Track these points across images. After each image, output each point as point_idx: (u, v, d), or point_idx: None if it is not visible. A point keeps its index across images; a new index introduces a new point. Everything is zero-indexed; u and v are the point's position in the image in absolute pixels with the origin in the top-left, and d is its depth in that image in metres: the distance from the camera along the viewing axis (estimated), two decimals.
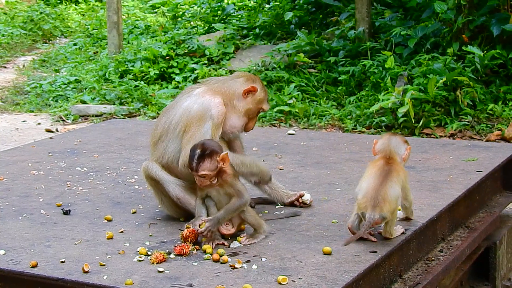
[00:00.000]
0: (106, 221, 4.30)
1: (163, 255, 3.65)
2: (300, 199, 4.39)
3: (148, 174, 4.26)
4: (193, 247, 3.79)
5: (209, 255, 3.66)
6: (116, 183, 5.10)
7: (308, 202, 4.39)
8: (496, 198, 5.18)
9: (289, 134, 6.48)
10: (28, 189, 4.98)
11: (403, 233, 3.89)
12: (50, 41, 17.68)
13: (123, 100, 11.70)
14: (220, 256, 3.61)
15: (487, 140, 8.84)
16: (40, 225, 4.25)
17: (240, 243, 3.82)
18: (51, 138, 6.68)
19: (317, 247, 3.70)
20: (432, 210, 4.23)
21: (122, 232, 4.09)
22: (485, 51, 10.22)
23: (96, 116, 11.14)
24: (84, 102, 11.75)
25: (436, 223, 4.23)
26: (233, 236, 3.87)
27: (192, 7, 17.11)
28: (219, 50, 12.82)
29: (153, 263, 3.61)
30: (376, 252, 3.65)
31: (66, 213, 4.45)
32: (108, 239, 3.98)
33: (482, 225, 4.60)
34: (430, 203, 4.34)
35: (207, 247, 3.76)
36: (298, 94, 10.96)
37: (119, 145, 6.18)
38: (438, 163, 5.27)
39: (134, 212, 4.45)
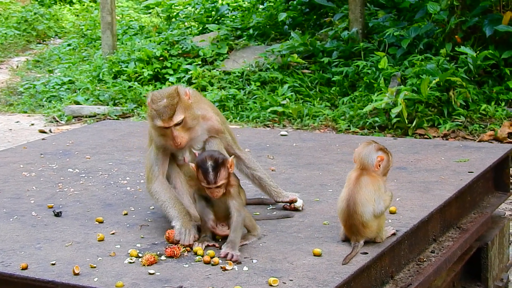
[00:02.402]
0: (97, 223, 4.29)
1: (154, 257, 3.64)
2: (292, 205, 4.38)
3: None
4: (184, 249, 3.79)
5: (200, 257, 3.65)
6: (108, 184, 5.09)
7: (300, 208, 4.37)
8: (488, 198, 5.18)
9: (282, 135, 6.48)
10: (19, 190, 4.97)
11: (394, 234, 3.89)
12: (44, 42, 17.66)
13: (116, 101, 11.69)
14: (211, 258, 3.60)
15: (480, 141, 8.86)
16: (31, 227, 4.23)
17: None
18: (43, 139, 6.66)
19: (308, 249, 3.70)
20: (424, 211, 4.23)
21: (113, 234, 4.08)
22: (477, 52, 10.24)
23: (90, 116, 11.13)
24: (77, 103, 11.74)
25: (428, 224, 4.23)
26: (224, 238, 3.87)
27: (186, 7, 17.10)
28: (213, 51, 12.82)
29: (144, 265, 3.60)
30: (367, 253, 3.65)
31: (57, 215, 4.43)
32: (99, 241, 3.97)
33: (474, 226, 4.60)
34: (422, 204, 4.34)
35: (198, 249, 3.75)
36: (291, 95, 10.97)
37: (111, 147, 6.17)
38: (429, 164, 5.27)
39: (126, 214, 4.44)
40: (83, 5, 20.57)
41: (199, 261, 3.62)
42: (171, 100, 3.98)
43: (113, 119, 10.79)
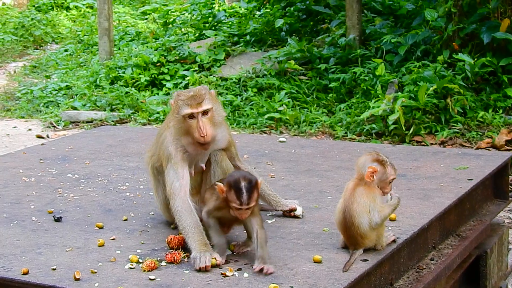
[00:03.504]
0: (97, 228, 4.29)
1: (154, 263, 3.65)
2: (292, 213, 4.38)
3: (152, 164, 4.27)
4: (184, 254, 3.79)
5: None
6: (107, 190, 5.09)
7: (300, 216, 4.38)
8: (487, 206, 5.19)
9: (280, 141, 6.48)
10: (19, 195, 4.97)
11: (394, 241, 3.90)
12: (41, 47, 17.66)
13: (114, 107, 11.69)
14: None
15: (477, 148, 8.88)
16: (32, 232, 4.23)
17: (232, 251, 3.82)
18: (42, 144, 6.67)
19: (308, 256, 3.70)
20: (423, 218, 4.24)
21: (113, 239, 4.08)
22: (475, 59, 10.27)
23: (87, 122, 11.13)
24: (75, 108, 11.74)
25: (427, 231, 4.24)
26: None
27: (183, 13, 17.12)
28: (210, 57, 12.83)
29: (145, 270, 3.60)
30: (367, 260, 3.65)
31: (58, 220, 4.44)
32: (99, 246, 3.97)
33: (473, 234, 4.61)
34: (421, 212, 4.35)
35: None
36: (288, 101, 10.98)
37: (110, 152, 6.18)
38: (429, 171, 5.28)
39: (126, 220, 4.44)
40: (80, 10, 20.58)
41: None
42: (199, 91, 3.99)
43: (110, 124, 10.79)
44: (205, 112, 3.97)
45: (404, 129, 9.35)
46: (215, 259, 3.62)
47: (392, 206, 3.80)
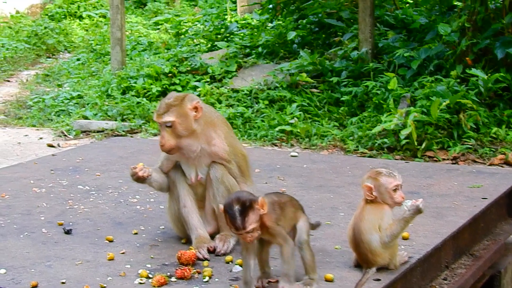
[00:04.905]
0: (107, 241, 4.28)
1: (164, 278, 3.62)
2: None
3: (170, 176, 4.30)
4: (194, 270, 3.76)
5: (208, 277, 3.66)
6: (118, 202, 5.08)
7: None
8: (501, 225, 5.14)
9: (292, 156, 6.46)
10: (29, 206, 4.96)
11: (407, 261, 3.86)
12: (54, 56, 17.69)
13: (125, 117, 11.68)
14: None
15: (490, 164, 8.82)
16: (41, 244, 4.22)
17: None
18: (53, 155, 6.66)
19: (320, 274, 3.67)
20: (437, 237, 4.20)
21: (123, 253, 4.07)
22: (489, 74, 10.21)
23: (98, 132, 11.12)
24: (86, 118, 11.73)
25: (441, 250, 4.20)
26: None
27: (195, 24, 17.12)
28: (221, 68, 12.81)
29: (154, 286, 3.58)
30: (380, 280, 3.62)
31: (68, 232, 4.42)
32: (109, 260, 3.96)
33: (487, 253, 4.56)
34: (435, 230, 4.32)
35: (207, 270, 3.74)
36: (300, 114, 10.94)
37: (121, 164, 6.16)
38: (442, 189, 5.25)
39: (136, 233, 4.43)
40: (93, 20, 20.62)
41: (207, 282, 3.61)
42: (172, 101, 4.11)
43: (121, 134, 10.78)
44: (169, 124, 4.08)
45: (416, 144, 9.30)
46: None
47: (403, 220, 3.73)
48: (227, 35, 15.15)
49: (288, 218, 3.65)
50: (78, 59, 16.58)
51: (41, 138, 10.89)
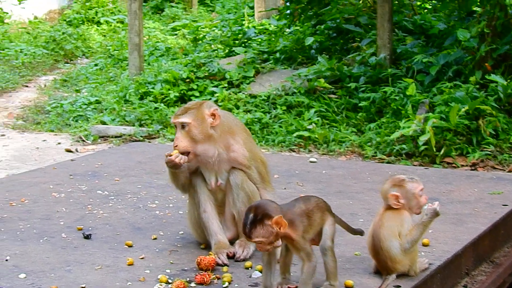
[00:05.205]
0: (126, 246, 4.29)
1: (184, 284, 3.62)
2: None
3: (191, 181, 4.32)
4: (213, 276, 3.76)
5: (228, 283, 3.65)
6: (137, 207, 5.09)
7: None
8: None
9: (311, 161, 6.45)
10: (49, 211, 4.98)
11: (427, 267, 3.84)
12: (72, 61, 17.76)
13: (142, 122, 11.70)
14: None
15: (510, 171, 8.76)
16: (61, 249, 4.24)
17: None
18: (72, 160, 6.69)
19: (340, 280, 3.66)
20: (457, 244, 4.18)
21: (142, 258, 4.07)
22: (508, 80, 10.16)
23: (116, 137, 11.14)
24: (104, 123, 11.76)
25: (461, 257, 4.18)
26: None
27: (213, 30, 17.14)
28: (239, 73, 12.81)
29: None
30: (400, 286, 3.61)
31: (87, 237, 4.44)
32: (128, 265, 3.97)
33: (507, 260, 4.54)
34: (455, 237, 4.30)
35: (226, 276, 3.74)
36: (318, 120, 10.92)
37: (140, 169, 6.17)
38: (462, 196, 5.22)
39: (155, 238, 4.43)
40: (111, 25, 20.69)
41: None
42: (191, 105, 4.21)
43: (139, 140, 10.80)
44: (183, 125, 4.09)
45: (434, 150, 9.26)
46: None
47: (422, 225, 3.71)
48: (245, 40, 15.16)
49: (315, 225, 3.64)
50: (96, 65, 16.62)
51: (59, 143, 10.92)
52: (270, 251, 3.52)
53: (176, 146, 4.13)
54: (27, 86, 15.37)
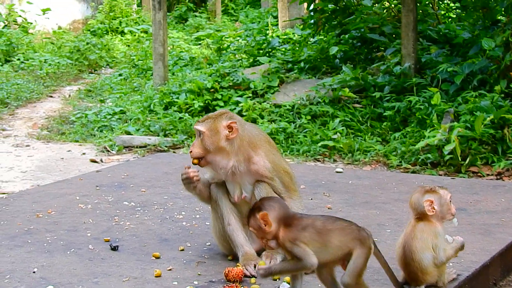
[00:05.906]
0: (154, 258, 4.30)
1: None
2: None
3: (211, 194, 4.36)
4: (242, 287, 3.76)
5: None
6: (164, 219, 5.10)
7: None
8: None
9: (337, 172, 6.44)
10: (76, 223, 5.00)
11: (455, 278, 3.82)
12: (96, 71, 17.87)
13: (167, 132, 11.73)
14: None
15: None
16: (88, 261, 4.25)
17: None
18: (98, 171, 6.71)
19: None
20: (485, 254, 4.16)
21: (170, 270, 4.08)
22: None
23: (140, 147, 11.18)
24: (128, 133, 11.81)
25: (489, 268, 4.15)
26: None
27: (237, 40, 17.17)
28: (263, 83, 12.82)
29: None
30: None
31: (114, 249, 4.45)
32: (156, 277, 3.97)
33: None
34: (483, 248, 4.27)
35: (254, 287, 3.73)
36: (342, 129, 10.90)
37: (166, 180, 6.19)
38: (489, 206, 5.19)
39: (182, 250, 4.44)
40: (135, 35, 20.81)
41: None
42: (212, 115, 4.33)
43: (164, 150, 10.83)
44: (200, 133, 4.22)
45: (460, 160, 9.21)
46: None
47: (455, 249, 3.75)
48: (269, 50, 15.18)
49: (333, 247, 3.54)
50: (120, 75, 16.71)
51: (84, 154, 10.97)
52: (267, 248, 3.66)
53: (191, 151, 4.25)
54: (51, 97, 15.48)
